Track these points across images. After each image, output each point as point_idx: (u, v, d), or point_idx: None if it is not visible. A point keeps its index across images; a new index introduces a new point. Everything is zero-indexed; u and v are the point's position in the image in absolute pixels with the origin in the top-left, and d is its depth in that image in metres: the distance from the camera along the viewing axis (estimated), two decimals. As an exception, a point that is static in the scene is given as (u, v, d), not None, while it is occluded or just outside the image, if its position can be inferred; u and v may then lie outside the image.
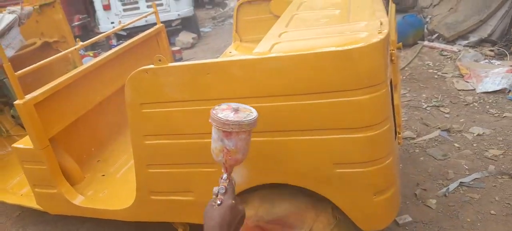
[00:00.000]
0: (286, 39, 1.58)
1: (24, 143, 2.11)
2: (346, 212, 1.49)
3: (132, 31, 6.78)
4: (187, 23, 7.46)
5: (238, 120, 1.03)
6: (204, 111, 1.48)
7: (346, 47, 1.22)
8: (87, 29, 7.98)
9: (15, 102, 1.89)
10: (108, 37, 6.92)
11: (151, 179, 1.72)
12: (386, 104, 1.35)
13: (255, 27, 3.00)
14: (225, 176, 1.10)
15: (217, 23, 9.04)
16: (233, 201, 1.02)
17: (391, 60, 1.50)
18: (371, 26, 1.47)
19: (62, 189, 2.08)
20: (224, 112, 1.06)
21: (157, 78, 1.48)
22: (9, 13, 2.91)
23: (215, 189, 1.07)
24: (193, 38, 7.30)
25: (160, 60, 1.46)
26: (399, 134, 1.71)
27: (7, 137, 3.23)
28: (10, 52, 2.90)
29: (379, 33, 1.30)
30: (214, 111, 1.07)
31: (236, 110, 1.06)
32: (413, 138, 3.05)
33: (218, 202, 1.03)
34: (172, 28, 7.21)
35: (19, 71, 1.86)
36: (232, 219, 1.00)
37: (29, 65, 1.96)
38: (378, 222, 1.52)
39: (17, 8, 2.99)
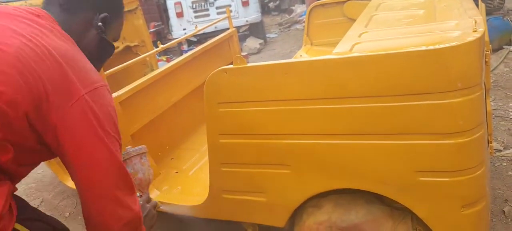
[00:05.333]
0: (367, 39, 1.52)
1: (108, 138, 2.26)
2: (429, 225, 1.39)
3: (202, 37, 7.06)
4: (254, 29, 7.59)
5: (126, 151, 1.46)
6: (280, 112, 1.48)
7: (438, 46, 1.14)
8: (161, 35, 8.45)
9: (103, 100, 2.04)
10: (180, 43, 7.27)
11: (224, 177, 1.75)
12: (480, 109, 1.24)
13: (327, 31, 2.95)
14: (138, 194, 1.49)
15: (283, 29, 9.07)
16: (141, 202, 1.39)
17: (485, 62, 1.38)
18: (463, 25, 1.37)
19: (141, 182, 2.20)
20: None
21: (236, 78, 1.51)
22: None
23: None
24: (259, 43, 7.40)
25: (239, 61, 1.49)
26: (491, 143, 1.57)
27: (91, 133, 3.51)
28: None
29: (474, 31, 1.20)
30: None
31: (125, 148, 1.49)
32: (500, 150, 2.78)
33: None
34: (240, 34, 7.36)
35: (108, 71, 2.01)
36: (145, 213, 1.39)
37: (112, 67, 2.11)
38: (465, 238, 1.40)
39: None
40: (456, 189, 1.28)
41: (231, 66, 1.50)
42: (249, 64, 1.48)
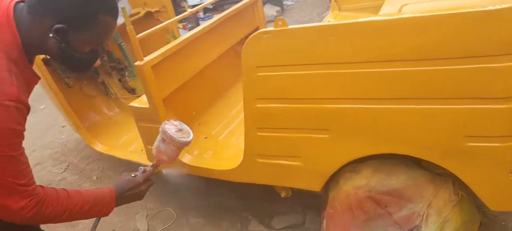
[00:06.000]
0: (414, 0, 1.47)
1: (139, 102, 2.28)
2: (474, 189, 1.38)
3: (217, 5, 6.94)
4: (272, -4, 7.43)
5: (174, 137, 1.50)
6: (322, 75, 1.46)
7: (499, 7, 1.09)
8: (176, 2, 8.34)
9: (136, 63, 2.04)
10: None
11: (260, 142, 1.76)
12: (537, 73, 1.20)
13: (356, -5, 2.86)
14: (151, 164, 1.56)
15: (299, -4, 8.87)
16: (141, 180, 1.49)
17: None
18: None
19: (172, 147, 2.22)
20: (170, 126, 1.53)
21: (276, 41, 1.48)
22: (119, -17, 3.13)
23: (141, 168, 1.53)
24: (276, 11, 7.26)
25: (280, 23, 1.45)
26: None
27: (115, 99, 3.54)
28: (120, 20, 3.13)
29: (535, -9, 1.15)
30: (163, 123, 1.53)
31: (179, 130, 1.54)
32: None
33: (133, 175, 1.50)
34: (257, 1, 7.21)
35: (140, 34, 1.99)
36: (133, 187, 1.47)
37: (136, 33, 2.08)
38: (510, 203, 1.39)
39: (125, -22, 3.20)
40: (505, 154, 1.26)
41: (271, 28, 1.47)
42: (291, 27, 1.44)
